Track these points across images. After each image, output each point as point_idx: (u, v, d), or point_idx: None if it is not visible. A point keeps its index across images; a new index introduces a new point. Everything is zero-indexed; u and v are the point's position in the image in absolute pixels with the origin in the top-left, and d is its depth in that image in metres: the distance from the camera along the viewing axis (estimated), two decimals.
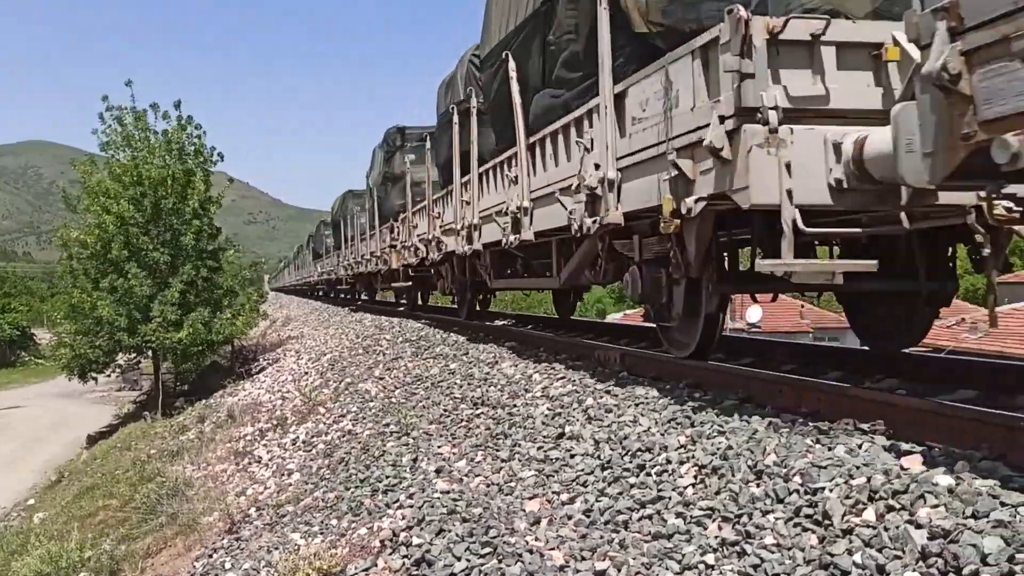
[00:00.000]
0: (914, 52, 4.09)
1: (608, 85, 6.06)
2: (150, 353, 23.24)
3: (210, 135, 23.61)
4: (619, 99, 6.11)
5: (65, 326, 22.31)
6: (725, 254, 6.69)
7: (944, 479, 3.22)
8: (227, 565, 6.35)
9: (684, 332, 6.58)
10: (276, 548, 5.67)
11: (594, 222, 6.41)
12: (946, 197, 4.00)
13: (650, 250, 6.51)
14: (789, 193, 4.32)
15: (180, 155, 22.33)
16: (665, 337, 7.03)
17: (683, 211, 5.01)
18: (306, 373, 15.62)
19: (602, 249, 7.27)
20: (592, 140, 6.49)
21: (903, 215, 4.57)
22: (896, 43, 4.38)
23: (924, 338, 6.70)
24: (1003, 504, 2.94)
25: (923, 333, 6.60)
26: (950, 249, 6.15)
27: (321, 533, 5.57)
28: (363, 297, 28.87)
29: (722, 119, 4.55)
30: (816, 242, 6.34)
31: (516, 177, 8.58)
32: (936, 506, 3.04)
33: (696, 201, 4.92)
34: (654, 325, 7.30)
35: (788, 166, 4.33)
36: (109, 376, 25.65)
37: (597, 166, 6.28)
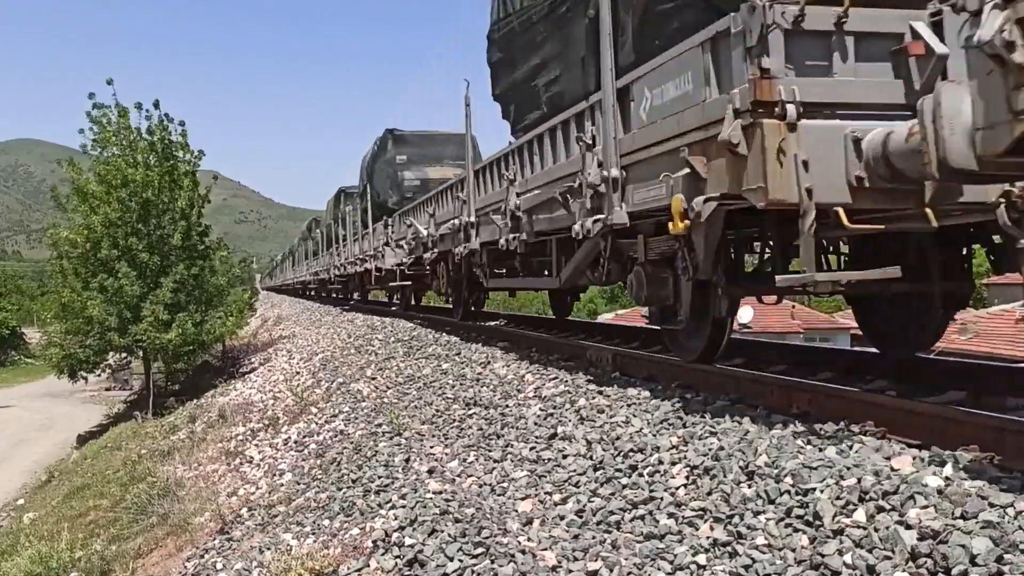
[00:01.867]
0: (937, 44, 3.99)
1: (609, 78, 5.93)
2: (140, 353, 23.15)
3: (201, 134, 23.52)
4: (623, 93, 5.95)
5: (55, 326, 22.21)
6: (735, 254, 6.40)
7: (934, 480, 3.25)
8: (218, 565, 6.33)
9: (691, 336, 6.36)
10: (268, 548, 5.66)
11: (595, 223, 6.28)
12: (970, 194, 3.91)
13: (656, 250, 6.24)
14: (808, 192, 4.12)
15: (164, 153, 22.20)
16: (670, 340, 6.82)
17: (693, 212, 4.82)
18: (298, 373, 15.59)
19: (604, 249, 6.95)
20: (594, 136, 6.30)
21: (929, 214, 4.34)
22: (916, 36, 4.27)
23: (937, 341, 6.52)
24: (992, 505, 2.97)
25: (937, 336, 6.43)
26: (965, 250, 5.93)
27: (313, 533, 5.57)
28: (355, 296, 28.74)
29: (737, 113, 4.33)
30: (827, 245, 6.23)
31: (514, 176, 8.57)
32: (926, 507, 3.06)
33: (707, 201, 4.71)
34: (655, 327, 7.19)
35: (806, 163, 4.14)
36: (99, 376, 25.53)
37: (600, 164, 6.12)
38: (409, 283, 17.50)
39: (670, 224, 5.11)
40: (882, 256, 5.77)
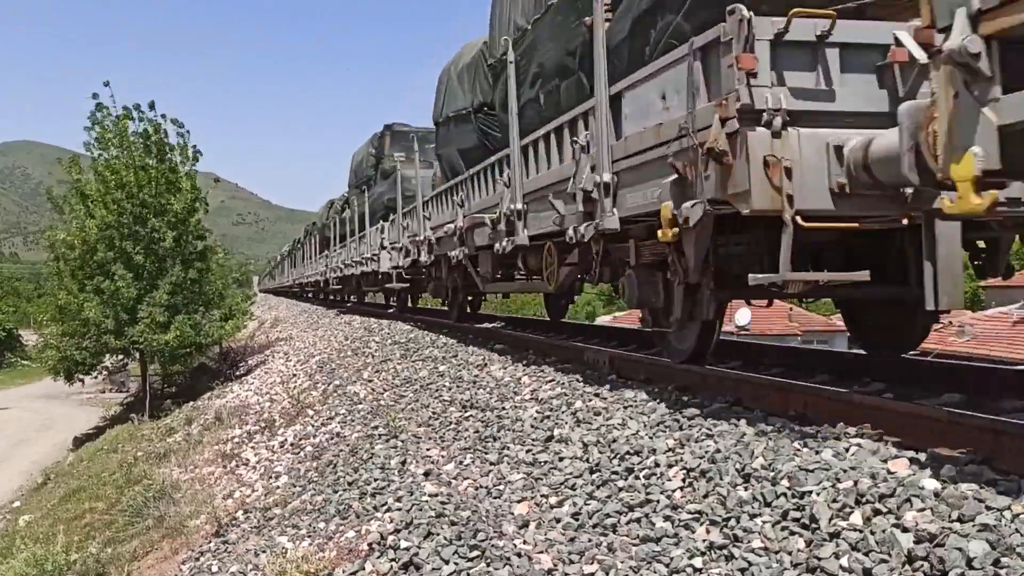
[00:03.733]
0: (919, 53, 4.05)
1: (603, 84, 6.07)
2: (137, 355, 23.12)
3: (199, 135, 23.48)
4: (615, 100, 6.10)
5: (52, 328, 22.18)
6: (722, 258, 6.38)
7: (930, 483, 3.24)
8: (214, 568, 6.32)
9: (681, 337, 6.49)
10: (263, 551, 5.65)
11: (587, 227, 6.48)
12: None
13: (647, 255, 6.40)
14: (790, 198, 4.25)
15: (160, 155, 22.18)
16: (661, 342, 6.95)
17: (681, 217, 4.95)
18: (294, 375, 15.57)
19: (596, 253, 7.12)
20: (588, 142, 6.49)
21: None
22: (899, 43, 4.35)
23: (922, 343, 6.65)
24: (989, 508, 2.96)
25: (922, 338, 6.56)
26: None
27: (309, 536, 5.55)
28: (351, 300, 28.57)
29: (723, 121, 4.47)
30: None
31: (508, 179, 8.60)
32: (922, 510, 3.05)
33: (694, 206, 4.83)
34: (648, 329, 7.24)
35: (789, 171, 4.27)
36: (96, 378, 25.49)
37: (593, 168, 6.28)
38: (406, 285, 17.30)
39: (659, 231, 5.26)
40: (866, 260, 5.80)
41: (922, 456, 3.62)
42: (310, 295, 42.16)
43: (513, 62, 8.41)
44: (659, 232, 5.27)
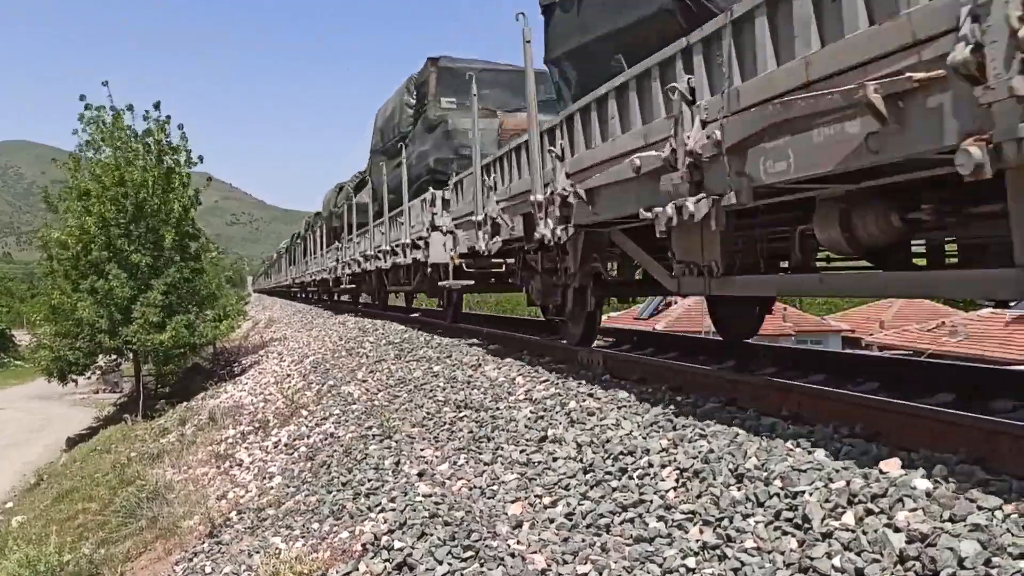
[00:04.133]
0: None
1: (535, 129, 7.66)
2: (131, 355, 23.05)
3: (194, 136, 23.42)
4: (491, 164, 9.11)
5: (45, 328, 22.10)
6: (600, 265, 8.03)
7: (922, 483, 3.25)
8: (207, 569, 6.30)
9: (574, 325, 8.38)
10: (257, 552, 5.63)
11: (487, 244, 8.95)
12: None
13: (544, 263, 8.53)
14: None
15: (159, 155, 22.18)
16: (561, 329, 8.94)
17: (558, 237, 7.08)
18: (288, 375, 15.54)
19: (517, 261, 9.44)
20: (496, 182, 8.95)
21: None
22: None
23: (759, 331, 8.58)
24: (980, 508, 2.97)
25: (757, 327, 8.45)
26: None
27: (302, 537, 5.54)
28: (364, 302, 24.17)
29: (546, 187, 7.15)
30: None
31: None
32: (914, 510, 3.06)
33: (564, 228, 6.96)
34: (634, 328, 7.61)
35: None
36: (89, 378, 25.40)
37: (498, 202, 8.80)
38: (470, 283, 12.12)
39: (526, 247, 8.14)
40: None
41: (915, 456, 3.63)
42: (312, 296, 37.27)
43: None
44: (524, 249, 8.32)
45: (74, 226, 21.05)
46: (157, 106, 22.55)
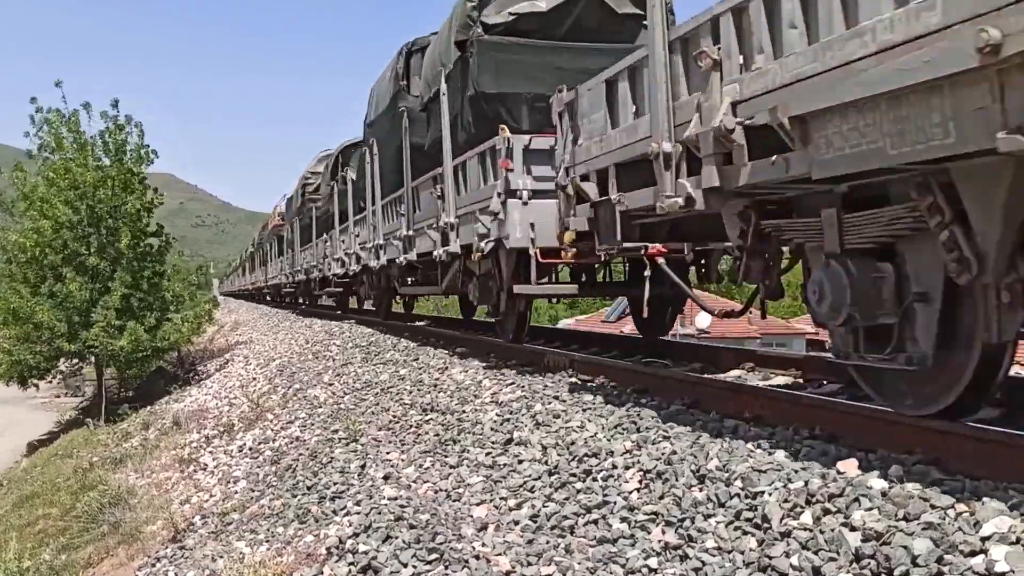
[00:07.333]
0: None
1: (449, 159, 9.47)
2: (92, 359, 22.70)
3: (156, 135, 23.05)
4: (456, 170, 9.49)
5: (3, 331, 21.70)
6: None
7: (878, 483, 3.31)
8: (170, 574, 6.25)
9: (507, 324, 9.26)
10: (221, 556, 5.60)
11: (445, 251, 9.81)
12: None
13: (484, 269, 9.23)
14: (533, 241, 7.69)
15: (117, 155, 21.80)
16: (497, 327, 9.77)
17: (480, 249, 8.40)
18: (254, 379, 15.43)
19: (458, 268, 10.09)
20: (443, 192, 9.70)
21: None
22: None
23: (671, 330, 9.48)
24: (933, 507, 3.03)
25: (669, 325, 9.27)
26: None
27: (267, 541, 5.52)
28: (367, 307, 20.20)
29: (499, 195, 7.83)
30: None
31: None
32: (870, 509, 3.12)
33: (486, 243, 8.28)
34: (604, 331, 7.63)
35: (533, 225, 7.67)
36: (51, 382, 24.96)
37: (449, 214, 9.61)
38: (574, 289, 9.51)
39: (470, 257, 9.01)
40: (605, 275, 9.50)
41: (872, 457, 3.71)
42: (288, 300, 33.42)
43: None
44: (475, 255, 8.65)
45: (30, 229, 20.70)
46: (115, 104, 22.17)
